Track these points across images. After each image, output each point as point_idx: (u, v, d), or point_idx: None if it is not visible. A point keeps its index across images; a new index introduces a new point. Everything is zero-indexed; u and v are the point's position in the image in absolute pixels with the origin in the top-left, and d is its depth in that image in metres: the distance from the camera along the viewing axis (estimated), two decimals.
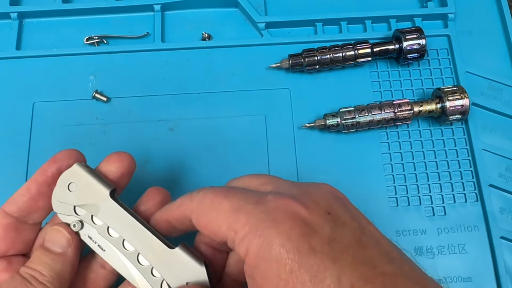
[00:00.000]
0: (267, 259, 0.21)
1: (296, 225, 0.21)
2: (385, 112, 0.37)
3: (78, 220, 0.26)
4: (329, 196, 0.24)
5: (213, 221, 0.23)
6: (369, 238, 0.22)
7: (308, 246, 0.21)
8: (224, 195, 0.24)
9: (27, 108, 0.39)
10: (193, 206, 0.25)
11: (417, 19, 0.42)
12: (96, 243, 0.26)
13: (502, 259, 0.35)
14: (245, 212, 0.22)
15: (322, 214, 0.22)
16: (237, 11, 0.43)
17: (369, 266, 0.21)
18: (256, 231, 0.21)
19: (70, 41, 0.42)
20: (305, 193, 0.24)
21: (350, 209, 0.24)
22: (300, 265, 0.20)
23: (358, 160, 0.38)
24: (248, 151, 0.38)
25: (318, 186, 0.25)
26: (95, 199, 0.26)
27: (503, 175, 0.38)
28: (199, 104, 0.40)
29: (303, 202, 0.23)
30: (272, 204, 0.23)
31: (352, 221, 0.23)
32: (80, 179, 0.26)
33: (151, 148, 0.38)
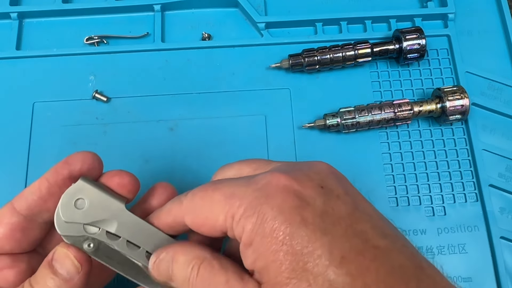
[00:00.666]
0: (260, 234, 0.21)
1: (288, 198, 0.21)
2: (385, 112, 0.37)
3: (92, 238, 0.24)
4: (324, 171, 0.24)
5: (209, 216, 0.23)
6: (362, 213, 0.22)
7: (300, 218, 0.21)
8: (213, 188, 0.23)
9: (27, 108, 0.39)
10: (184, 209, 0.24)
11: (417, 19, 0.42)
12: (114, 261, 0.25)
13: (502, 259, 0.35)
14: (239, 195, 0.22)
15: (315, 187, 0.22)
16: (237, 11, 0.43)
17: (361, 239, 0.21)
18: (250, 209, 0.21)
19: (70, 41, 0.42)
20: (298, 169, 0.24)
21: (344, 184, 0.24)
22: (291, 236, 0.20)
23: (358, 160, 0.38)
24: (248, 151, 0.38)
25: (313, 163, 0.25)
26: (110, 213, 0.25)
27: (503, 175, 0.38)
28: (199, 104, 0.40)
29: (294, 176, 0.23)
30: (264, 181, 0.22)
31: (346, 196, 0.23)
32: (89, 194, 0.24)
33: (151, 148, 0.38)
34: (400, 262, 0.21)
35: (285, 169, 0.24)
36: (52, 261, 0.24)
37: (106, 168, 0.37)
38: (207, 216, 0.23)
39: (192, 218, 0.24)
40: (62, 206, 0.24)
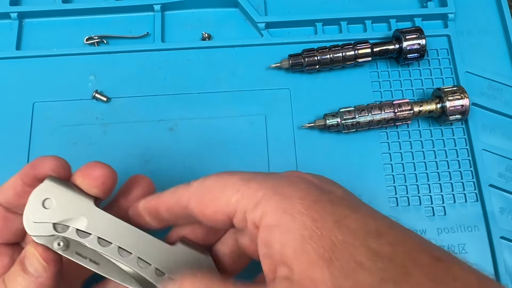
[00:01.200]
0: (289, 214, 0.20)
1: (311, 186, 0.22)
2: (385, 112, 0.37)
3: (62, 237, 0.24)
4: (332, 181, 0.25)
5: (219, 196, 0.22)
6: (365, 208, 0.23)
7: (327, 199, 0.21)
8: (229, 173, 0.23)
9: (27, 108, 0.39)
10: (192, 190, 0.24)
11: (417, 19, 0.42)
12: (87, 258, 0.24)
13: (502, 259, 0.35)
14: (257, 180, 0.22)
15: (331, 183, 0.23)
16: (237, 11, 0.43)
17: (386, 220, 0.21)
18: (272, 191, 0.21)
19: (70, 41, 0.42)
20: (309, 174, 0.25)
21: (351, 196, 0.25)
22: (323, 213, 0.20)
23: (358, 160, 0.38)
24: (248, 151, 0.38)
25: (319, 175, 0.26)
26: (79, 211, 0.24)
27: (503, 175, 0.38)
28: (199, 104, 0.40)
29: (311, 175, 0.23)
30: (284, 174, 0.23)
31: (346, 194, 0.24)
32: (56, 194, 0.24)
33: (151, 148, 0.38)
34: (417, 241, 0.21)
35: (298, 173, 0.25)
36: (24, 259, 0.24)
37: None
38: (217, 197, 0.22)
39: (198, 199, 0.23)
40: (29, 207, 0.24)
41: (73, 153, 0.38)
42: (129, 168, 0.38)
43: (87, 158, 0.37)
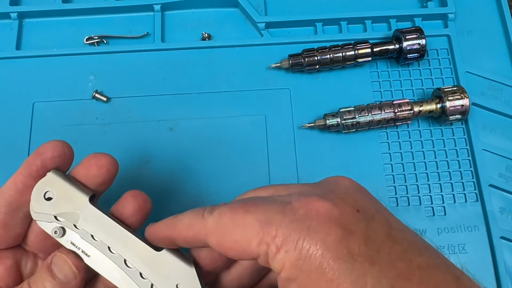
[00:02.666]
0: (306, 271, 0.20)
1: (331, 230, 0.20)
2: (385, 112, 0.37)
3: (59, 226, 0.25)
4: (352, 190, 0.23)
5: (240, 240, 0.22)
6: (396, 231, 0.22)
7: (346, 251, 0.20)
8: (244, 209, 0.22)
9: (27, 108, 0.39)
10: (209, 228, 0.23)
11: (417, 19, 0.42)
12: (80, 249, 0.25)
13: (502, 259, 0.35)
14: (275, 223, 0.21)
15: (353, 213, 0.22)
16: (237, 11, 0.43)
17: (404, 261, 0.20)
18: (291, 242, 0.20)
19: (70, 41, 0.42)
20: (328, 191, 0.23)
21: (372, 200, 0.24)
22: (340, 273, 0.20)
23: (358, 160, 0.38)
24: (248, 151, 0.38)
25: (337, 182, 0.24)
26: (74, 207, 0.25)
27: (503, 175, 0.38)
28: (199, 104, 0.40)
29: (331, 201, 0.22)
30: (302, 210, 0.21)
31: (379, 214, 0.22)
32: (56, 187, 0.25)
33: (151, 148, 0.38)
34: (441, 277, 0.21)
35: (316, 192, 0.23)
36: (51, 265, 0.25)
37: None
38: (237, 240, 0.22)
39: (218, 240, 0.22)
40: (33, 198, 0.25)
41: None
42: (129, 168, 0.38)
43: None
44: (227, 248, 0.22)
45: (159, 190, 0.37)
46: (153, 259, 0.25)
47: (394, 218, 0.23)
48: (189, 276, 0.25)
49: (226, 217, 0.22)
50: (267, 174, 0.38)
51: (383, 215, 0.22)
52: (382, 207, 0.23)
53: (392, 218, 0.23)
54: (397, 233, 0.22)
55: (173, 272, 0.25)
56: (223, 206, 0.23)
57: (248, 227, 0.21)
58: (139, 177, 0.37)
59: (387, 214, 0.23)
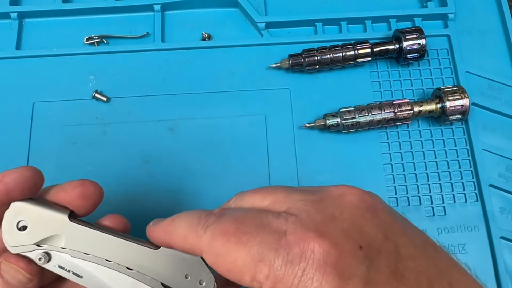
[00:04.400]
0: None
1: (327, 277, 0.19)
2: (385, 112, 0.37)
3: (43, 252, 0.24)
4: (358, 212, 0.21)
5: (233, 270, 0.21)
6: (406, 260, 0.20)
7: None
8: (237, 237, 0.21)
9: (27, 108, 0.39)
10: (203, 248, 0.22)
11: (417, 19, 0.42)
12: (70, 272, 0.24)
13: (502, 259, 0.35)
14: (268, 262, 0.20)
15: (354, 252, 0.20)
16: (237, 11, 0.43)
17: None
18: (283, 286, 0.19)
19: (70, 41, 0.42)
20: (330, 218, 0.21)
21: (382, 222, 0.21)
22: None
23: (358, 160, 0.38)
24: (248, 151, 0.38)
25: (342, 198, 0.22)
26: (54, 230, 0.24)
27: (503, 175, 0.38)
28: (199, 104, 0.40)
29: (331, 238, 0.20)
30: (297, 249, 0.20)
31: (386, 243, 0.20)
32: (28, 214, 0.23)
33: (151, 148, 0.38)
34: None
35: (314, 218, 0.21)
36: (1, 272, 0.23)
37: (106, 167, 0.38)
38: (230, 270, 0.21)
39: (212, 262, 0.22)
40: (4, 232, 0.23)
41: (73, 153, 0.38)
42: (129, 168, 0.38)
43: (87, 158, 0.38)
44: (221, 272, 0.21)
45: (159, 190, 0.37)
46: (153, 258, 0.24)
47: (406, 239, 0.21)
48: (196, 265, 0.24)
49: (218, 242, 0.21)
50: (267, 174, 0.38)
51: (392, 242, 0.21)
52: (393, 227, 0.21)
53: (404, 239, 0.21)
54: (406, 264, 0.20)
55: (178, 265, 0.24)
56: (216, 224, 0.22)
57: (240, 260, 0.20)
58: (139, 177, 0.37)
59: (398, 237, 0.21)
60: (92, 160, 0.38)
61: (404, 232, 0.21)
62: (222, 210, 0.23)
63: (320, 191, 0.22)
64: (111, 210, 0.36)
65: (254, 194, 0.24)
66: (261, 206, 0.23)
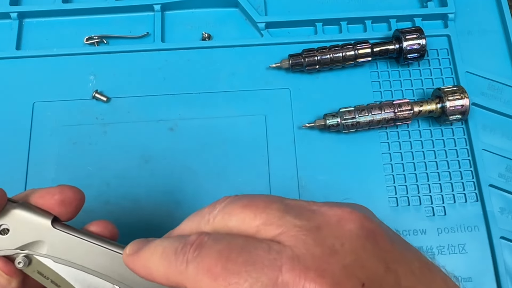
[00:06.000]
0: None
1: None
2: (385, 112, 0.37)
3: (23, 256, 0.23)
4: (359, 243, 0.20)
5: None
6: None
7: None
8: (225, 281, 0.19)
9: (27, 108, 0.39)
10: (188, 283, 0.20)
11: (417, 19, 0.42)
12: (49, 279, 0.23)
13: (502, 259, 0.35)
14: None
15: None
16: (237, 11, 0.43)
17: None
18: None
19: (70, 41, 0.42)
20: (330, 253, 0.19)
21: (383, 251, 0.20)
22: None
23: (358, 160, 0.38)
24: (248, 151, 0.38)
25: (341, 227, 0.20)
26: (36, 235, 0.23)
27: (503, 175, 0.38)
28: (199, 104, 0.40)
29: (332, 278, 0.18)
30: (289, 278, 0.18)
31: (387, 275, 0.19)
32: (10, 218, 0.23)
33: (151, 148, 0.38)
34: None
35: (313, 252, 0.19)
36: None
37: (106, 167, 0.38)
38: None
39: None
40: None
41: (73, 153, 0.38)
42: (129, 168, 0.38)
43: (87, 158, 0.38)
44: None
45: (159, 190, 0.37)
46: None
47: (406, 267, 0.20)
48: None
49: (203, 281, 0.19)
50: (267, 174, 0.38)
51: (393, 272, 0.19)
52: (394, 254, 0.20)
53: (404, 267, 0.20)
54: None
55: None
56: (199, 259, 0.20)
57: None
58: (139, 177, 0.37)
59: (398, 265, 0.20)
60: (92, 160, 0.38)
61: (403, 257, 0.20)
62: (200, 238, 0.20)
63: (316, 215, 0.20)
64: (111, 210, 0.36)
65: (243, 209, 0.21)
66: (250, 226, 0.20)
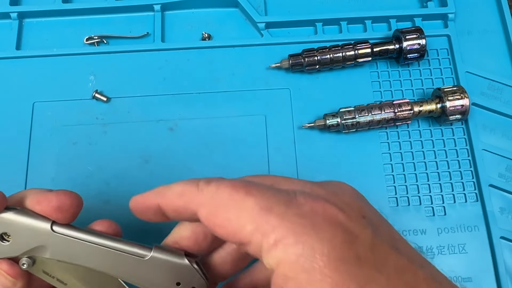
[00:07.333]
0: (308, 270, 0.18)
1: (337, 232, 0.19)
2: (385, 112, 0.37)
3: (26, 257, 0.23)
4: (355, 197, 0.22)
5: (234, 220, 0.20)
6: (399, 241, 0.21)
7: (353, 255, 0.19)
8: (246, 190, 0.20)
9: (27, 108, 0.39)
10: (203, 200, 0.21)
11: (417, 19, 0.42)
12: (54, 278, 0.24)
13: (502, 259, 0.35)
14: (277, 213, 0.19)
15: (359, 219, 0.20)
16: (237, 11, 0.43)
17: (411, 272, 0.20)
18: (293, 236, 0.19)
19: (70, 41, 0.42)
20: (333, 194, 0.22)
21: (375, 210, 0.23)
22: (347, 276, 0.18)
23: (358, 160, 0.38)
24: (248, 151, 0.38)
25: (340, 186, 0.23)
26: (37, 241, 0.23)
27: (503, 175, 0.38)
28: (199, 104, 0.40)
29: (337, 205, 0.20)
30: (307, 206, 0.20)
31: (383, 224, 0.22)
32: (10, 225, 0.23)
33: (151, 148, 0.38)
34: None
35: (319, 193, 0.21)
36: None
37: (106, 167, 0.38)
38: (230, 219, 0.20)
39: (209, 213, 0.21)
40: None
41: (73, 153, 0.38)
42: (129, 168, 0.38)
43: (87, 158, 0.38)
44: (217, 224, 0.21)
45: None
46: (142, 266, 0.23)
47: (395, 230, 0.23)
48: (187, 272, 0.24)
49: (224, 192, 0.21)
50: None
51: (386, 225, 0.22)
52: (383, 218, 0.23)
53: (394, 229, 0.23)
54: (401, 245, 0.21)
55: (168, 273, 0.23)
56: (222, 180, 0.21)
57: (246, 209, 0.20)
58: (139, 177, 0.37)
59: (389, 225, 0.22)
60: (92, 160, 0.38)
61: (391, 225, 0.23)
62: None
63: (320, 182, 0.24)
64: (112, 210, 0.36)
65: (252, 176, 0.23)
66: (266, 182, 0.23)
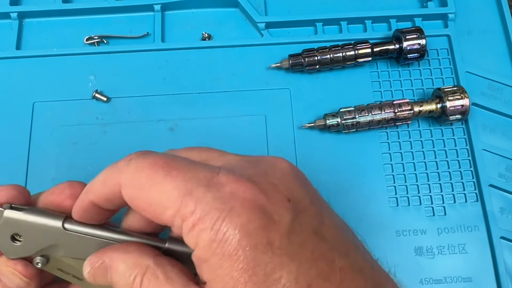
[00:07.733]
0: (219, 255, 0.18)
1: (254, 216, 0.19)
2: (385, 112, 0.37)
3: (40, 256, 0.23)
4: (288, 176, 0.22)
5: (154, 204, 0.20)
6: (327, 227, 0.21)
7: (266, 241, 0.19)
8: (165, 171, 0.20)
9: (27, 108, 0.39)
10: (124, 180, 0.21)
11: (417, 19, 0.42)
12: (70, 274, 0.24)
13: (502, 259, 0.35)
14: (196, 196, 0.19)
15: (282, 201, 0.20)
16: (237, 11, 0.43)
17: (327, 261, 0.20)
18: (209, 221, 0.19)
19: (70, 41, 0.42)
20: (262, 173, 0.21)
21: (310, 191, 0.22)
22: (255, 263, 0.18)
23: (358, 160, 0.38)
24: (248, 151, 0.38)
25: (274, 164, 0.23)
26: (50, 239, 0.23)
27: (503, 175, 0.38)
28: (199, 104, 0.40)
29: (261, 187, 0.20)
30: (228, 188, 0.20)
31: (312, 206, 0.21)
32: (19, 225, 0.23)
33: (151, 148, 0.38)
34: (362, 282, 0.20)
35: (248, 172, 0.21)
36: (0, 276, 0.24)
37: (106, 167, 0.38)
38: (151, 204, 0.20)
39: (131, 197, 0.21)
40: (0, 246, 0.23)
41: (73, 153, 0.38)
42: None
43: (87, 158, 0.38)
44: (140, 208, 0.20)
45: None
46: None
47: (329, 213, 0.22)
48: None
49: (143, 174, 0.20)
50: None
51: (317, 208, 0.21)
52: (318, 200, 0.22)
53: (327, 212, 0.22)
54: (327, 230, 0.21)
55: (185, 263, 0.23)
56: (143, 158, 0.21)
57: (165, 193, 0.20)
58: None
59: (322, 208, 0.22)
60: (92, 160, 0.38)
61: (327, 205, 0.23)
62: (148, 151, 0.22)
63: (255, 157, 0.23)
64: None
65: (188, 150, 0.24)
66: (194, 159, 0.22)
